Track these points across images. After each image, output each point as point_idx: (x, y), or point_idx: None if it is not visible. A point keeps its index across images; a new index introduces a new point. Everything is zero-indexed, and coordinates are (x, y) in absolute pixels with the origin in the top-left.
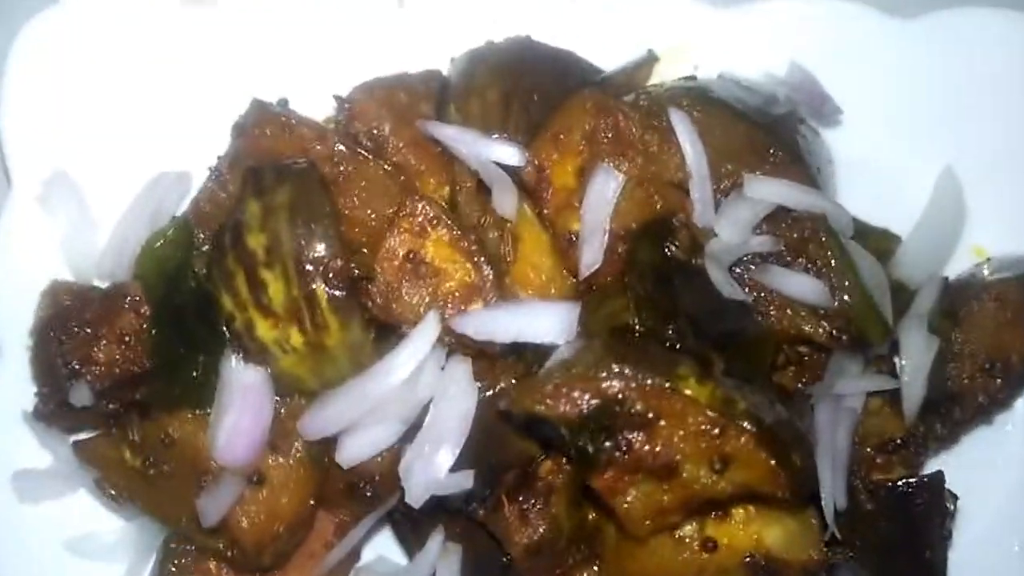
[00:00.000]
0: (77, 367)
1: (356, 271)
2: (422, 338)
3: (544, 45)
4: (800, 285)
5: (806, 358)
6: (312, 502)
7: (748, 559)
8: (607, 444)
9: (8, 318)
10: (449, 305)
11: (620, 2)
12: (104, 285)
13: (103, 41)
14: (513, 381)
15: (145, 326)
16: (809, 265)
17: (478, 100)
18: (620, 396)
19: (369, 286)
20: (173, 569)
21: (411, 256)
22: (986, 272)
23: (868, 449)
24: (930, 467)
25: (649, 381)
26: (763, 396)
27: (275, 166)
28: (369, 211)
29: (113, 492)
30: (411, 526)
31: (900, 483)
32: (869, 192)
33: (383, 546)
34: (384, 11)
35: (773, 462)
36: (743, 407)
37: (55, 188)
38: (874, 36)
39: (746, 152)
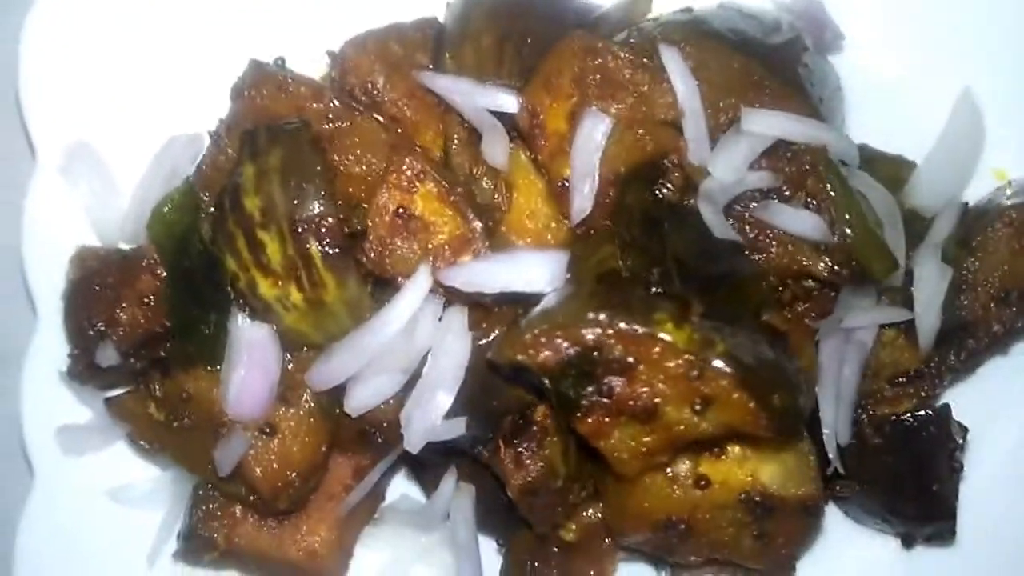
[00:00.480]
0: (103, 328)
1: (348, 229)
2: (414, 291)
3: None
4: (799, 220)
5: (815, 293)
6: (324, 449)
7: (743, 497)
8: (588, 390)
9: (43, 283)
10: (440, 258)
11: None
12: (128, 248)
13: (113, 11)
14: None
15: (161, 287)
16: (809, 200)
17: (472, 46)
18: (598, 343)
19: (363, 242)
20: (202, 515)
21: (401, 211)
22: (1007, 196)
23: (883, 382)
24: (947, 399)
25: (626, 326)
26: (746, 337)
27: (268, 127)
28: (364, 166)
29: (144, 445)
30: (424, 469)
31: (906, 416)
32: (882, 118)
33: (406, 485)
34: None
35: (752, 403)
36: (721, 348)
37: (77, 158)
38: None
39: (742, 85)
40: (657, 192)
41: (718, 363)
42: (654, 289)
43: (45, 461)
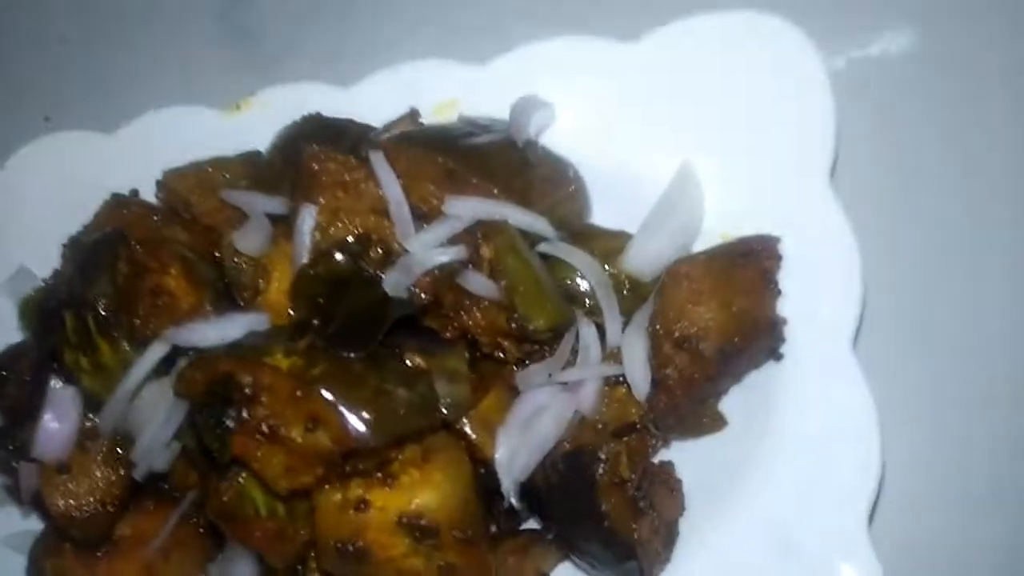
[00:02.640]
0: None
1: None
2: (156, 348)
3: (330, 118)
4: (475, 282)
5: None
6: (116, 492)
7: (404, 520)
8: (227, 417)
9: None
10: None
11: (405, 73)
12: None
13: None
14: None
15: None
16: (482, 266)
17: (267, 168)
18: (228, 372)
19: (128, 317)
20: (40, 549)
21: (155, 289)
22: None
23: (609, 436)
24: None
25: (245, 357)
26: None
27: (86, 235)
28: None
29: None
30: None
31: (571, 456)
32: (620, 203)
33: None
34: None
35: (348, 418)
36: (317, 371)
37: (19, 278)
38: (605, 60)
39: (443, 178)
40: (355, 262)
41: (315, 389)
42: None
43: None
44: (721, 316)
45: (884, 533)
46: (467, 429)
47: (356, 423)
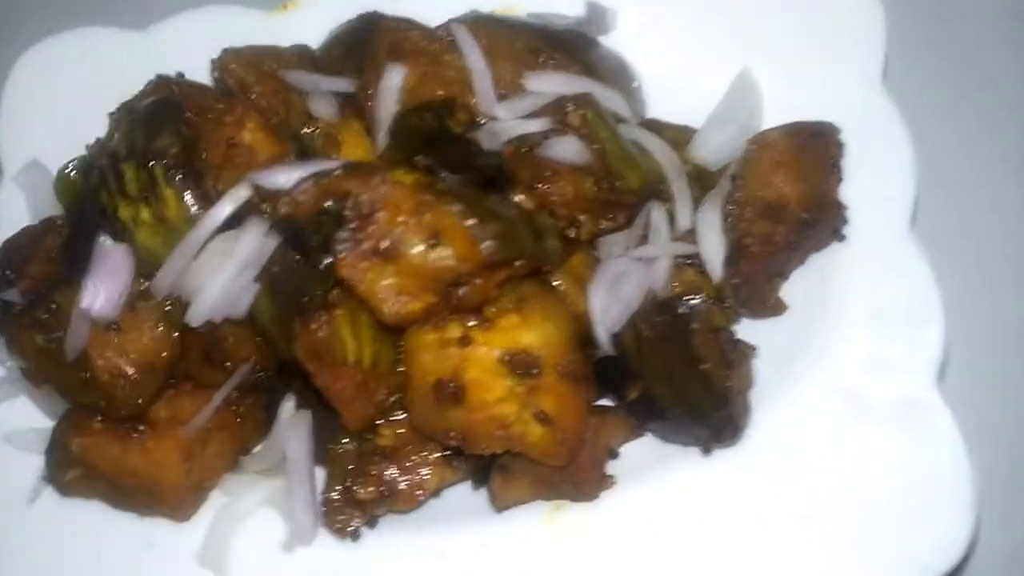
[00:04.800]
0: (15, 276)
1: (193, 162)
2: (234, 194)
3: (385, 14)
4: (563, 147)
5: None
6: (164, 355)
7: (505, 356)
8: (341, 235)
9: None
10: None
11: None
12: None
13: (74, 66)
14: None
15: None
16: (572, 132)
17: (327, 57)
18: (342, 190)
19: (204, 172)
20: (64, 427)
21: (231, 142)
22: None
23: None
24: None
25: (365, 174)
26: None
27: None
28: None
29: (33, 377)
30: (273, 400)
31: (668, 304)
32: (677, 106)
33: None
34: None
35: (475, 228)
36: (442, 187)
37: (27, 171)
38: None
39: (527, 57)
40: (444, 122)
41: (442, 199)
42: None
43: None
44: (800, 187)
45: (953, 396)
46: (558, 282)
47: (483, 235)
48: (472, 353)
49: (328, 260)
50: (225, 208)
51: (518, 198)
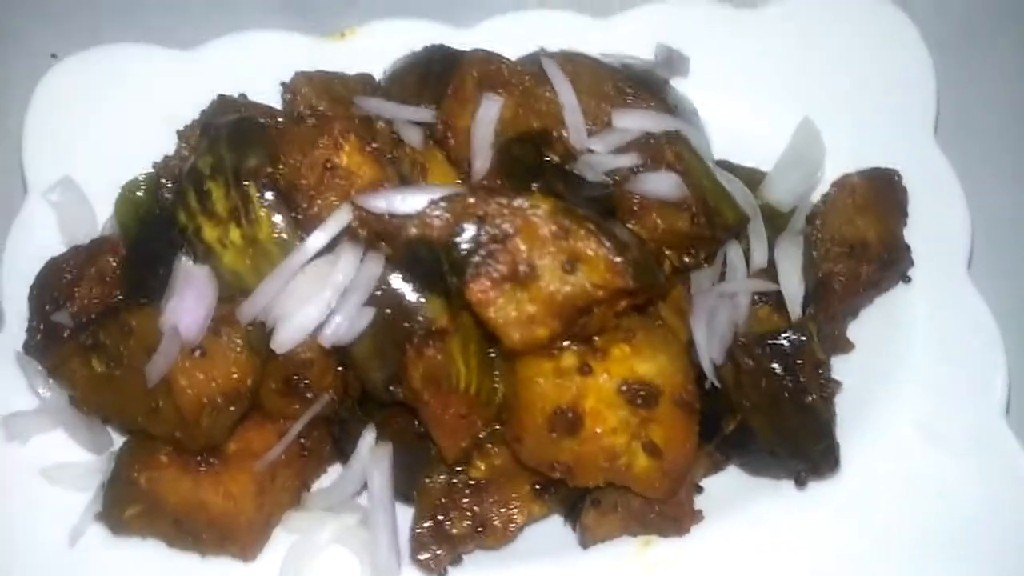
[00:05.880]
0: (62, 296)
1: (282, 182)
2: (335, 219)
3: (455, 48)
4: (660, 182)
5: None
6: (249, 383)
7: (624, 387)
8: (474, 258)
9: (11, 296)
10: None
11: (531, 19)
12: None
13: (115, 80)
14: None
15: (119, 264)
16: (668, 167)
17: (398, 86)
18: (480, 213)
19: (295, 194)
20: (128, 459)
21: (328, 164)
22: None
23: None
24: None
25: (503, 199)
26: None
27: (225, 117)
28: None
29: (84, 405)
30: (345, 432)
31: (772, 337)
32: (735, 143)
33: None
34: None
35: (611, 256)
36: (582, 213)
37: (59, 188)
38: (730, 25)
39: (611, 94)
40: (543, 154)
41: (582, 224)
42: None
43: None
44: (880, 229)
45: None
46: (663, 312)
47: (622, 263)
48: (592, 383)
49: (455, 284)
50: (328, 231)
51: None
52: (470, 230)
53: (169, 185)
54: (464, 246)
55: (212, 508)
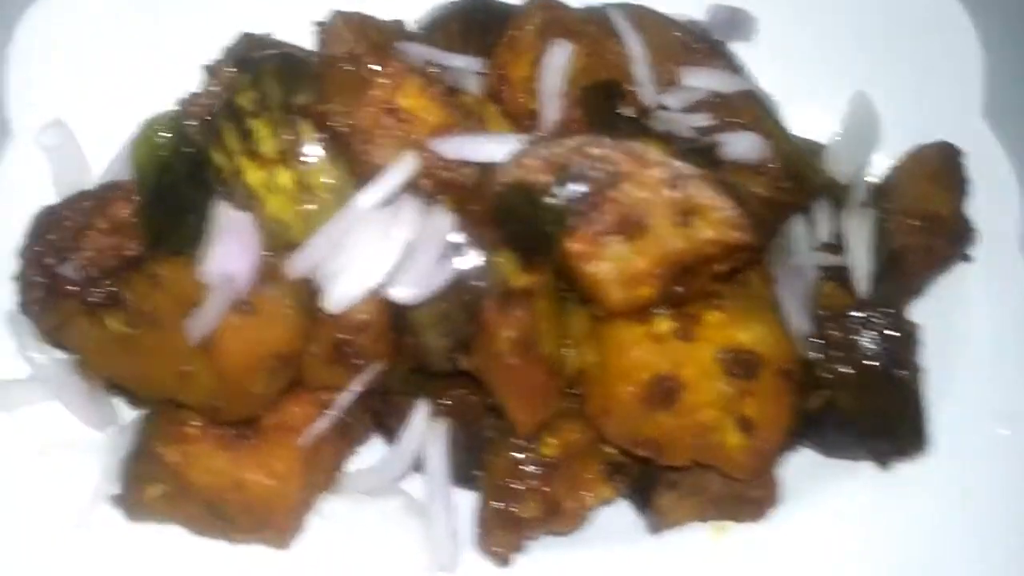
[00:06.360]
0: (66, 248)
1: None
2: (398, 169)
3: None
4: (741, 143)
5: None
6: (296, 346)
7: (725, 355)
8: (578, 206)
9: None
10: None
11: None
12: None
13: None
14: None
15: (134, 213)
16: (746, 128)
17: (441, 33)
18: (586, 156)
19: (350, 136)
20: (154, 432)
21: (386, 105)
22: None
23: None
24: None
25: (611, 141)
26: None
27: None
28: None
29: (94, 371)
30: (389, 406)
31: (858, 313)
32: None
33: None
34: None
35: (731, 203)
36: (698, 160)
37: (51, 131)
38: None
39: (678, 49)
40: (616, 109)
41: (699, 171)
42: None
43: None
44: (952, 202)
45: None
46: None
47: (740, 217)
48: (692, 350)
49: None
50: (393, 179)
51: None
52: (574, 176)
53: (195, 125)
54: (566, 194)
55: (252, 488)
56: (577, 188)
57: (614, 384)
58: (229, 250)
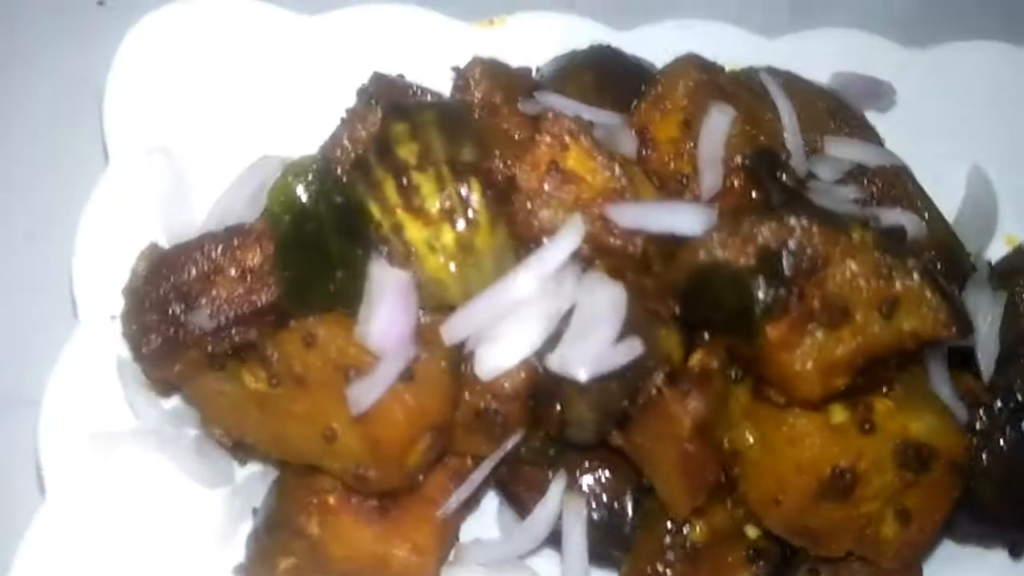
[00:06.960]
0: (196, 294)
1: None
2: (567, 237)
3: (625, 54)
4: (896, 219)
5: None
6: (448, 418)
7: (899, 445)
8: (780, 291)
9: (89, 284)
10: (591, 211)
11: (696, 30)
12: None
13: (216, 39)
14: None
15: (268, 260)
16: (898, 203)
17: (574, 84)
18: (791, 238)
19: (514, 195)
20: (291, 502)
21: (553, 165)
22: None
23: None
24: None
25: (820, 224)
26: None
27: (415, 99)
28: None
29: (219, 427)
30: (519, 478)
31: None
32: None
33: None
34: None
35: (938, 295)
36: (893, 244)
37: (153, 162)
38: (891, 66)
39: (824, 118)
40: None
41: (906, 263)
42: None
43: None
44: None
45: None
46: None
47: (943, 311)
48: (873, 443)
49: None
50: (562, 247)
51: None
52: (779, 259)
53: (339, 173)
54: (768, 280)
55: (396, 563)
56: (780, 272)
57: (789, 474)
58: (393, 312)
